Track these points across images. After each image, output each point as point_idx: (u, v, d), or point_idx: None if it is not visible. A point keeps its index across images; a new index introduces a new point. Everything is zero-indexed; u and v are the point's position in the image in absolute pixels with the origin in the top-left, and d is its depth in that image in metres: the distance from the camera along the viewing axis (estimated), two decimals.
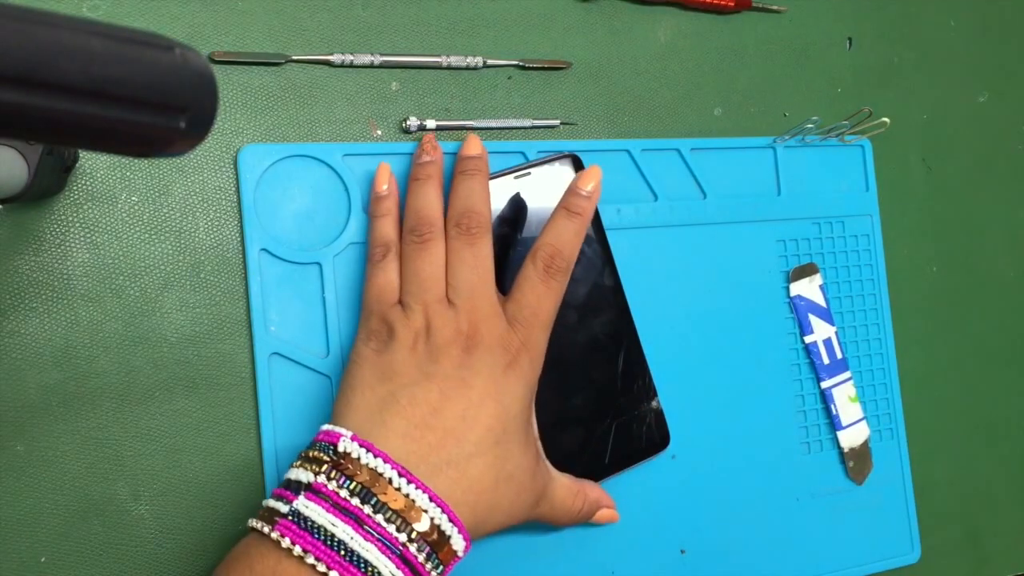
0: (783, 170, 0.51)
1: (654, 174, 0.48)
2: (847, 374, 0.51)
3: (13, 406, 0.37)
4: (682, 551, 0.47)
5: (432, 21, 0.45)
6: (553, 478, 0.40)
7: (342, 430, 0.34)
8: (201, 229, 0.40)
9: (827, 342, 0.51)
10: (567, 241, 0.39)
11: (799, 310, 0.50)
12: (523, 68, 0.47)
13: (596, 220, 0.45)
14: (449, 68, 0.45)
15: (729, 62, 0.52)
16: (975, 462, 0.56)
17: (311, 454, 0.33)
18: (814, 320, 0.51)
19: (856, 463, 0.51)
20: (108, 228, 0.39)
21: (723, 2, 0.51)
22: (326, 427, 0.34)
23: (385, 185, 0.40)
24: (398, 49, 0.44)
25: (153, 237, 0.39)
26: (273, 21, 0.42)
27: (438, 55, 0.45)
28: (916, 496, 0.53)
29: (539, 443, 0.40)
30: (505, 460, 0.35)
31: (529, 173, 0.44)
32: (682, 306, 0.48)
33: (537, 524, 0.43)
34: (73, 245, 0.38)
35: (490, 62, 0.46)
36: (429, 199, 0.39)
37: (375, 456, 0.32)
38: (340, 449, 0.33)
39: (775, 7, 0.53)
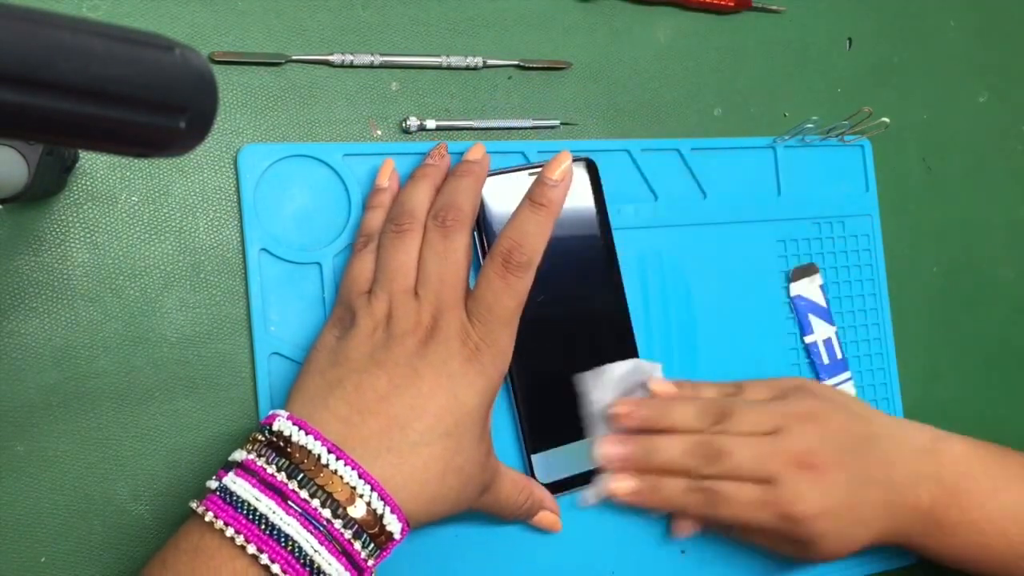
0: (783, 170, 0.51)
1: (654, 174, 0.48)
2: (847, 374, 0.51)
3: (13, 406, 0.37)
4: (682, 551, 0.47)
5: (432, 21, 0.45)
6: (501, 472, 0.39)
7: (281, 411, 0.34)
8: (201, 229, 0.40)
9: (827, 342, 0.51)
10: (529, 234, 0.37)
11: (799, 310, 0.50)
12: (523, 68, 0.47)
13: (603, 222, 0.45)
14: (449, 68, 0.45)
15: (729, 62, 0.52)
16: None
17: (252, 435, 0.34)
18: (814, 320, 0.51)
19: None
20: (108, 228, 0.39)
21: (723, 2, 0.51)
22: (272, 410, 0.35)
23: (387, 180, 0.41)
24: (398, 49, 0.44)
25: (153, 237, 0.39)
26: (273, 21, 0.42)
27: (438, 55, 0.45)
28: None
29: (491, 438, 0.39)
30: (455, 452, 0.35)
31: None
32: (682, 306, 0.48)
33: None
34: (73, 245, 0.38)
35: (490, 62, 0.46)
36: (417, 194, 0.40)
37: (307, 434, 0.32)
38: (274, 428, 0.33)
39: (775, 7, 0.53)
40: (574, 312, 0.44)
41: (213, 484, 0.32)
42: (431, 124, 0.44)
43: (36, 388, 0.37)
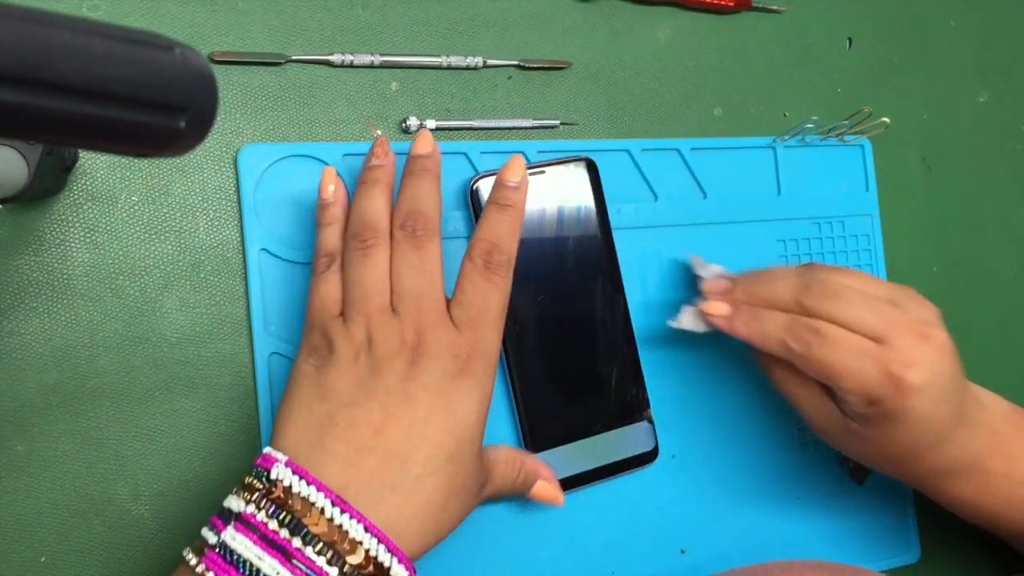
0: (783, 170, 0.51)
1: (654, 174, 0.48)
2: None
3: (13, 406, 0.37)
4: (682, 551, 0.47)
5: (432, 21, 0.45)
6: (492, 460, 0.38)
7: (279, 455, 0.32)
8: (201, 229, 0.40)
9: None
10: (504, 235, 0.37)
11: None
12: (523, 68, 0.47)
13: (603, 222, 0.45)
14: (449, 68, 0.45)
15: (729, 62, 0.52)
16: None
17: (247, 480, 0.32)
18: None
19: (856, 463, 0.51)
20: (108, 228, 0.39)
21: (723, 2, 0.51)
22: (266, 450, 0.33)
23: (332, 188, 0.38)
24: (398, 49, 0.44)
25: (153, 237, 0.39)
26: (273, 21, 0.42)
27: (438, 55, 0.45)
28: (916, 496, 0.53)
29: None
30: (456, 476, 0.33)
31: (543, 172, 0.44)
32: (683, 306, 0.48)
33: (535, 525, 0.43)
34: (73, 245, 0.38)
35: (490, 62, 0.46)
36: (375, 204, 0.37)
37: (308, 484, 0.31)
38: (273, 476, 0.31)
39: (775, 7, 0.53)
40: (574, 312, 0.44)
41: (211, 538, 0.31)
42: (431, 124, 0.44)
43: (36, 388, 0.37)
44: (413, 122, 0.44)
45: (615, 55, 0.49)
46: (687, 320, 0.43)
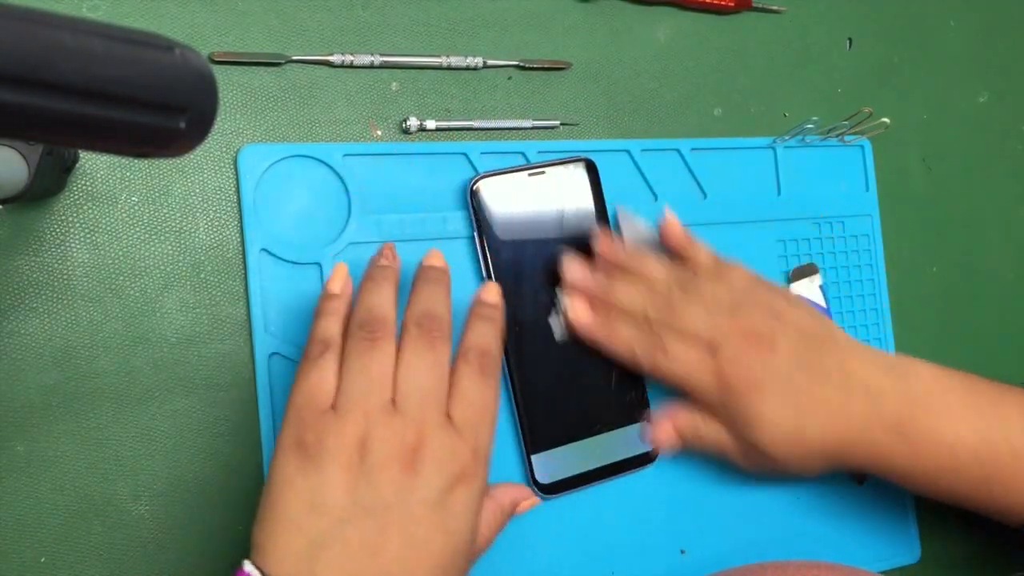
0: (783, 170, 0.51)
1: (654, 174, 0.48)
2: None
3: (13, 406, 0.37)
4: (682, 551, 0.47)
5: (432, 21, 0.45)
6: (481, 532, 0.37)
7: None
8: (201, 229, 0.40)
9: None
10: (491, 342, 0.37)
11: None
12: (523, 68, 0.47)
13: (603, 222, 0.45)
14: (449, 68, 0.45)
15: (729, 62, 0.52)
16: None
17: None
18: None
19: None
20: (108, 228, 0.39)
21: (723, 2, 0.51)
22: (248, 568, 0.30)
23: (339, 287, 0.37)
24: (398, 49, 0.44)
25: (153, 237, 0.39)
26: (273, 21, 0.42)
27: (438, 55, 0.45)
28: (916, 496, 0.53)
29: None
30: None
31: (543, 172, 0.44)
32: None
33: (535, 525, 0.43)
34: (73, 245, 0.38)
35: (490, 62, 0.46)
36: (385, 298, 0.36)
37: None
38: None
39: (775, 7, 0.53)
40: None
41: None
42: (431, 124, 0.44)
43: (36, 388, 0.37)
44: (413, 122, 0.44)
45: (615, 55, 0.49)
46: (557, 326, 0.44)
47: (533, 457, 0.43)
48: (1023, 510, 0.42)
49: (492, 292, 0.39)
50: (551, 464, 0.43)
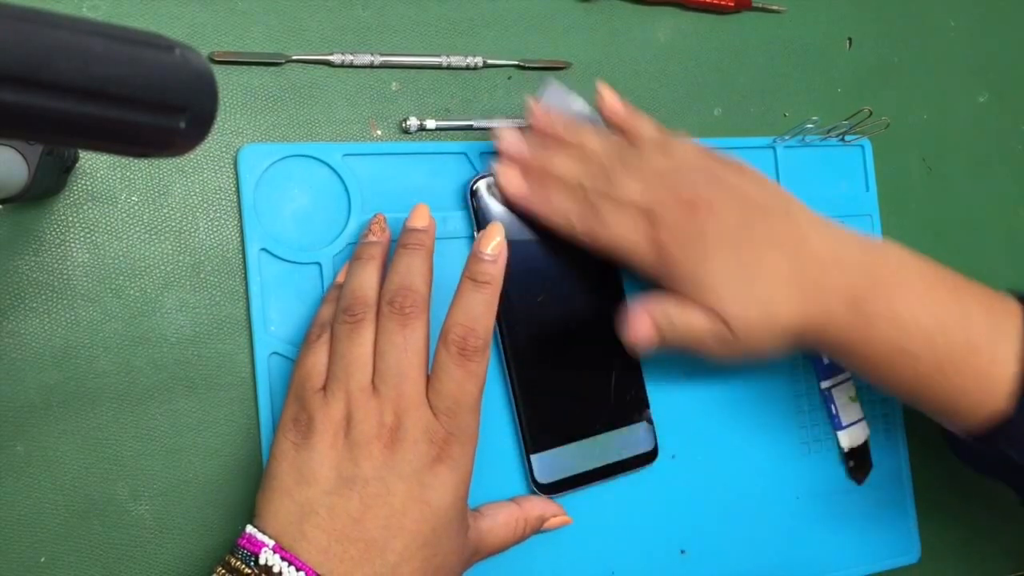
0: (783, 170, 0.51)
1: None
2: (847, 374, 0.51)
3: (13, 406, 0.37)
4: (682, 551, 0.47)
5: (432, 21, 0.45)
6: (484, 530, 0.39)
7: (265, 539, 0.33)
8: (201, 229, 0.40)
9: None
10: (478, 316, 0.36)
11: None
12: (523, 68, 0.47)
13: None
14: (449, 68, 0.45)
15: (729, 62, 0.52)
16: None
17: (233, 563, 0.33)
18: None
19: (856, 463, 0.51)
20: (108, 228, 0.39)
21: (723, 2, 0.51)
22: (249, 529, 0.33)
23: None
24: (398, 49, 0.44)
25: (153, 237, 0.39)
26: (273, 21, 0.42)
27: (438, 55, 0.45)
28: (916, 496, 0.53)
29: (468, 510, 0.38)
30: (434, 556, 0.34)
31: None
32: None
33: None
34: (73, 245, 0.38)
35: (490, 62, 0.46)
36: (366, 279, 0.37)
37: (297, 570, 0.32)
38: (262, 561, 0.32)
39: (775, 7, 0.53)
40: (573, 312, 0.44)
41: None
42: (431, 124, 0.44)
43: (36, 388, 0.37)
44: (413, 122, 0.44)
45: (615, 55, 0.49)
46: (485, 189, 0.43)
47: (533, 457, 0.43)
48: (967, 411, 0.40)
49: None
50: (551, 464, 0.43)
